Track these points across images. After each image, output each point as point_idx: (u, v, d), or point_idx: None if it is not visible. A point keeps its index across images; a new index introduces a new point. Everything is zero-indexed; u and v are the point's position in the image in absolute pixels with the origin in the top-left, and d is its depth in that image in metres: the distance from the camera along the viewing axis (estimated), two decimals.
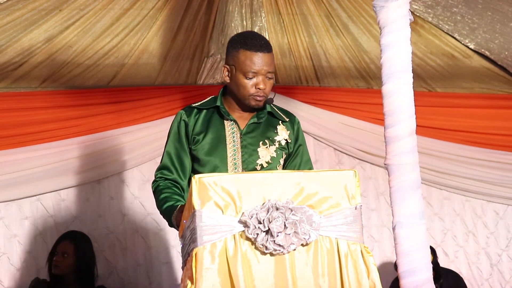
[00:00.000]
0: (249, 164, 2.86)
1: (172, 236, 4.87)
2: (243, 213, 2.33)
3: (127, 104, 4.99)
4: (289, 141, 2.96)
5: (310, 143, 5.35)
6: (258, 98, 2.85)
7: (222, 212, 2.33)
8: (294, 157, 2.99)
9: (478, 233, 5.55)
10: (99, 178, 4.90)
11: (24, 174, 4.67)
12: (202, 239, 2.30)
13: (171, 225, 2.79)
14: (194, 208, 2.32)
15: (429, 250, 2.86)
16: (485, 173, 5.46)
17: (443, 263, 5.18)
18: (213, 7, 4.74)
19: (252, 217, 2.31)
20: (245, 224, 2.32)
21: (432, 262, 2.91)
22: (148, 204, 4.89)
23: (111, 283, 4.76)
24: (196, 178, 2.33)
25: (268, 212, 2.32)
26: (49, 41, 4.57)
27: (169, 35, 4.82)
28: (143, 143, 4.95)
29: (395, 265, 2.89)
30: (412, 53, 2.91)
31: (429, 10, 4.81)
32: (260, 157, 2.88)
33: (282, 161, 2.94)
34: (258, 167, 2.85)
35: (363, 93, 5.43)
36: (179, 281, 3.31)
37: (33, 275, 4.52)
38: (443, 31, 5.00)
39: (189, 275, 2.35)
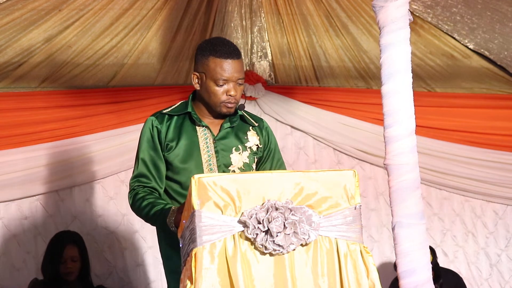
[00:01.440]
0: (224, 169, 2.86)
1: None
2: (242, 213, 2.33)
3: (127, 104, 5.00)
4: (260, 146, 2.97)
5: (309, 143, 5.36)
6: (229, 105, 2.86)
7: (222, 212, 2.33)
8: (265, 161, 3.00)
9: (477, 233, 5.55)
10: (99, 178, 4.90)
11: (23, 174, 4.67)
12: (201, 239, 2.30)
13: (163, 228, 2.76)
14: (193, 208, 2.32)
15: (429, 250, 2.86)
16: (484, 173, 5.46)
17: (442, 263, 5.19)
18: (212, 7, 4.74)
19: (251, 217, 2.31)
20: (245, 224, 2.32)
21: (431, 262, 2.91)
22: None
23: (110, 283, 4.77)
24: (195, 178, 2.33)
25: (267, 212, 2.32)
26: (48, 41, 4.58)
27: (169, 35, 4.82)
28: None
29: (395, 265, 2.89)
30: (412, 53, 2.91)
31: (429, 10, 4.81)
32: (232, 162, 2.89)
33: (254, 166, 2.96)
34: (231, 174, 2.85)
35: (362, 93, 5.43)
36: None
37: (32, 275, 4.52)
38: (443, 31, 5.00)
39: (188, 275, 2.35)
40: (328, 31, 5.00)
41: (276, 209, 2.32)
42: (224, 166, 2.87)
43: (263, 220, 2.30)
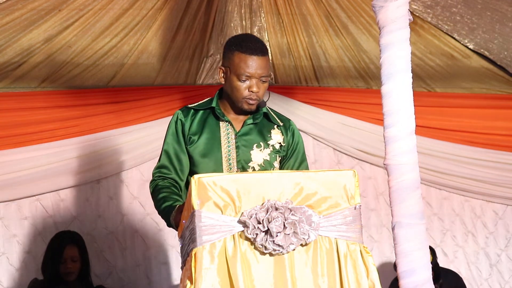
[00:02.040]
0: (243, 165, 2.87)
1: (171, 236, 4.87)
2: (242, 213, 2.33)
3: (127, 104, 4.99)
4: (283, 144, 2.97)
5: (309, 143, 5.35)
6: (251, 102, 2.86)
7: (222, 212, 2.33)
8: (288, 159, 3.00)
9: (477, 233, 5.55)
10: (99, 178, 4.90)
11: (23, 174, 4.67)
12: (201, 239, 2.30)
13: (169, 225, 2.79)
14: (193, 208, 2.32)
15: (429, 250, 2.86)
16: (484, 173, 5.46)
17: (442, 263, 5.18)
18: (212, 7, 4.74)
19: (251, 217, 2.31)
20: (245, 224, 2.32)
21: (431, 262, 2.91)
22: (148, 204, 4.88)
23: (110, 283, 4.76)
24: (195, 178, 2.33)
25: (267, 212, 2.32)
26: (48, 41, 4.57)
27: (169, 35, 4.82)
28: (143, 143, 4.95)
29: (395, 265, 2.89)
30: (412, 53, 2.91)
31: (429, 10, 4.81)
32: (253, 159, 2.89)
33: (276, 164, 2.95)
34: (250, 170, 2.86)
35: (362, 93, 5.43)
36: (178, 281, 3.32)
37: (32, 275, 4.52)
38: (443, 31, 5.00)
39: (188, 275, 2.35)
40: (328, 31, 5.00)
41: (276, 209, 2.32)
42: (244, 162, 2.88)
43: (263, 220, 2.31)
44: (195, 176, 2.34)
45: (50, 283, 4.28)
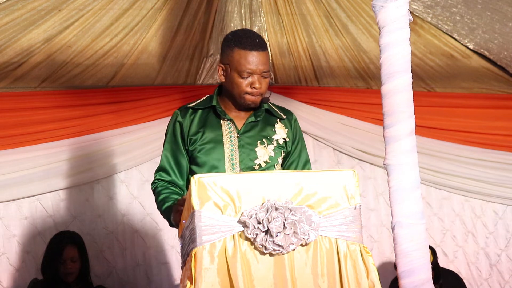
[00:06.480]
0: (247, 164, 2.84)
1: (171, 236, 4.87)
2: (242, 213, 2.33)
3: (126, 104, 5.00)
4: (287, 139, 2.94)
5: (309, 143, 5.35)
6: (253, 97, 2.84)
7: (222, 212, 2.33)
8: (292, 157, 2.97)
9: (477, 233, 5.55)
10: (98, 178, 4.90)
11: (23, 174, 4.67)
12: (201, 239, 2.30)
13: (171, 225, 2.78)
14: (193, 208, 2.32)
15: (429, 250, 2.86)
16: (484, 173, 5.46)
17: (442, 263, 5.18)
18: (212, 7, 4.74)
19: (251, 217, 2.31)
20: (245, 224, 2.32)
21: (431, 262, 2.91)
22: (147, 204, 4.89)
23: (110, 283, 4.76)
24: (195, 178, 2.33)
25: (267, 212, 2.32)
26: (48, 41, 4.57)
27: (168, 35, 4.82)
28: (142, 143, 4.95)
29: (395, 265, 2.89)
30: (412, 53, 2.91)
31: (428, 10, 4.81)
32: (258, 156, 2.86)
33: (280, 160, 2.92)
34: (256, 167, 2.84)
35: (362, 93, 5.43)
36: (178, 281, 3.32)
37: (32, 275, 4.52)
38: (442, 31, 5.00)
39: (188, 275, 2.35)
40: (328, 31, 5.00)
41: (276, 209, 2.32)
42: (249, 160, 2.84)
43: (263, 220, 2.30)
44: (195, 176, 2.34)
45: (50, 283, 4.28)
